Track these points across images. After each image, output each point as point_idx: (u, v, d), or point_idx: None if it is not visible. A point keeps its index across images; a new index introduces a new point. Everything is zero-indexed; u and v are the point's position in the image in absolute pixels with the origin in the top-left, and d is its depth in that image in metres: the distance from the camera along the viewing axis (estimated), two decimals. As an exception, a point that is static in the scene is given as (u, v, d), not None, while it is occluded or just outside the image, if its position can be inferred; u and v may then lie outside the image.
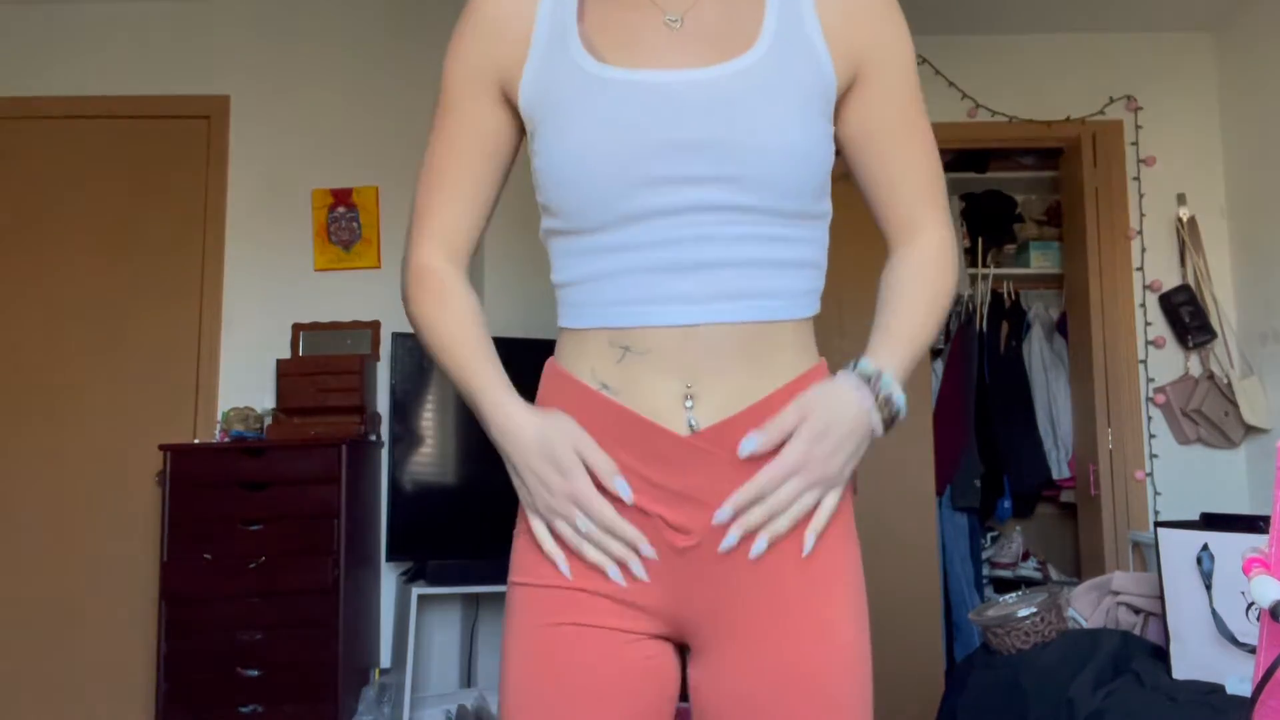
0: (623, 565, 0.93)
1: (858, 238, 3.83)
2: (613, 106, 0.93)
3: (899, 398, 0.95)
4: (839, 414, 0.92)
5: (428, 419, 3.04)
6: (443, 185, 1.05)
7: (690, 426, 0.92)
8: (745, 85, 0.93)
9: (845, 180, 1.11)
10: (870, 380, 0.95)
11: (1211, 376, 3.51)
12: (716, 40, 0.95)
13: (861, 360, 0.96)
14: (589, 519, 0.93)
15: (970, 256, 4.29)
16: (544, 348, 1.05)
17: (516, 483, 0.98)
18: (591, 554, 0.93)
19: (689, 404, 0.93)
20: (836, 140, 1.01)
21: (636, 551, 0.93)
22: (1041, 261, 4.27)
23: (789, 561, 0.93)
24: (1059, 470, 4.04)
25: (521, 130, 1.04)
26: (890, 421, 0.96)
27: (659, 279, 0.93)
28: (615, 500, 0.93)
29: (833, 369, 1.02)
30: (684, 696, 1.01)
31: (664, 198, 0.92)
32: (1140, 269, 3.65)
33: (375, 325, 3.29)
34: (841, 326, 3.80)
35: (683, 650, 1.00)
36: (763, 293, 0.95)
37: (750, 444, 0.90)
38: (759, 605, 0.94)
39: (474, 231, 1.06)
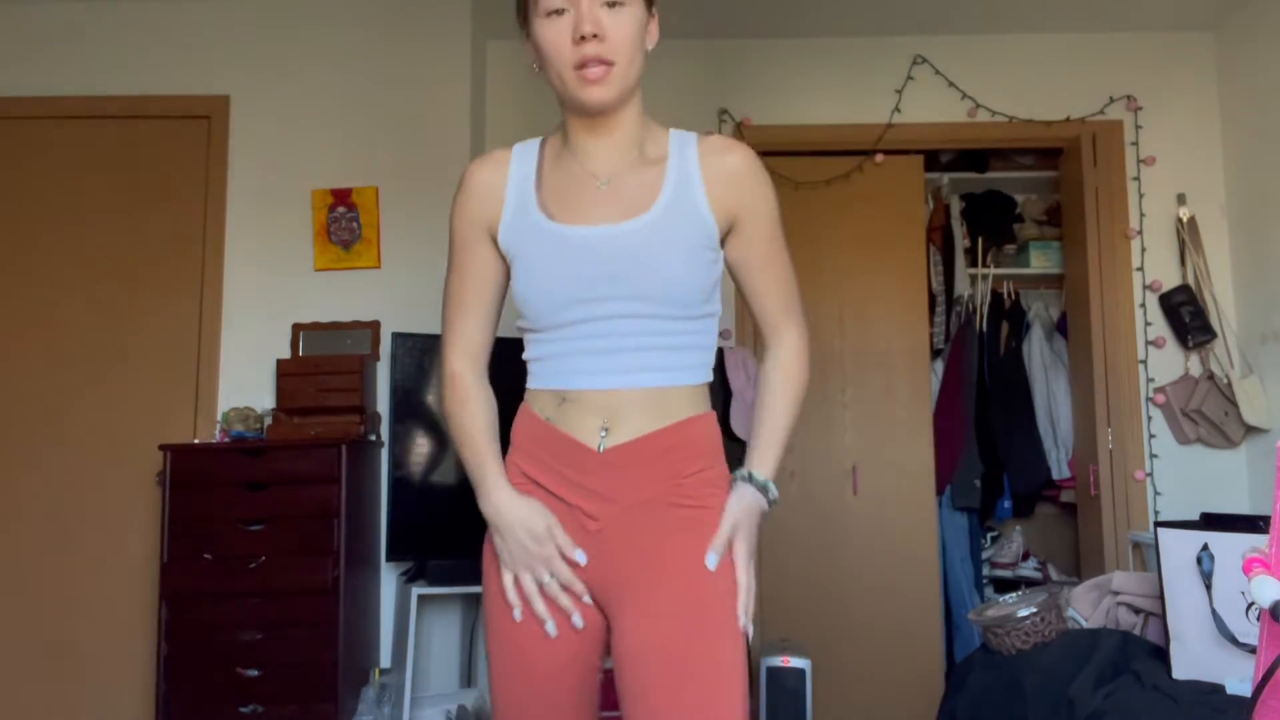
0: (560, 620, 1.36)
1: (857, 244, 3.85)
2: (558, 251, 1.34)
3: (774, 492, 1.40)
4: (752, 517, 1.37)
5: (428, 419, 3.04)
6: (461, 309, 1.44)
7: (600, 448, 1.34)
8: (644, 236, 1.33)
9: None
10: (762, 488, 1.39)
11: (1211, 376, 3.51)
12: (629, 201, 1.35)
13: (754, 472, 1.39)
14: (553, 575, 1.34)
15: (970, 256, 4.29)
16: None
17: (499, 544, 1.38)
18: (539, 607, 1.34)
19: (603, 434, 1.34)
20: (726, 262, 1.43)
21: (566, 613, 1.36)
22: (1041, 261, 4.27)
23: (672, 550, 1.33)
24: (1059, 470, 4.03)
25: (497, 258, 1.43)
26: (770, 504, 1.40)
27: (587, 359, 1.35)
28: (548, 498, 1.36)
29: (833, 371, 1.50)
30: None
31: (591, 310, 1.34)
32: (1140, 269, 3.65)
33: (375, 325, 3.29)
34: (842, 328, 3.82)
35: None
36: (657, 368, 1.35)
37: (712, 560, 1.32)
38: (649, 579, 1.32)
39: (488, 338, 1.47)
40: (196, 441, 3.22)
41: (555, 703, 1.35)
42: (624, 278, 1.32)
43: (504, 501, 1.36)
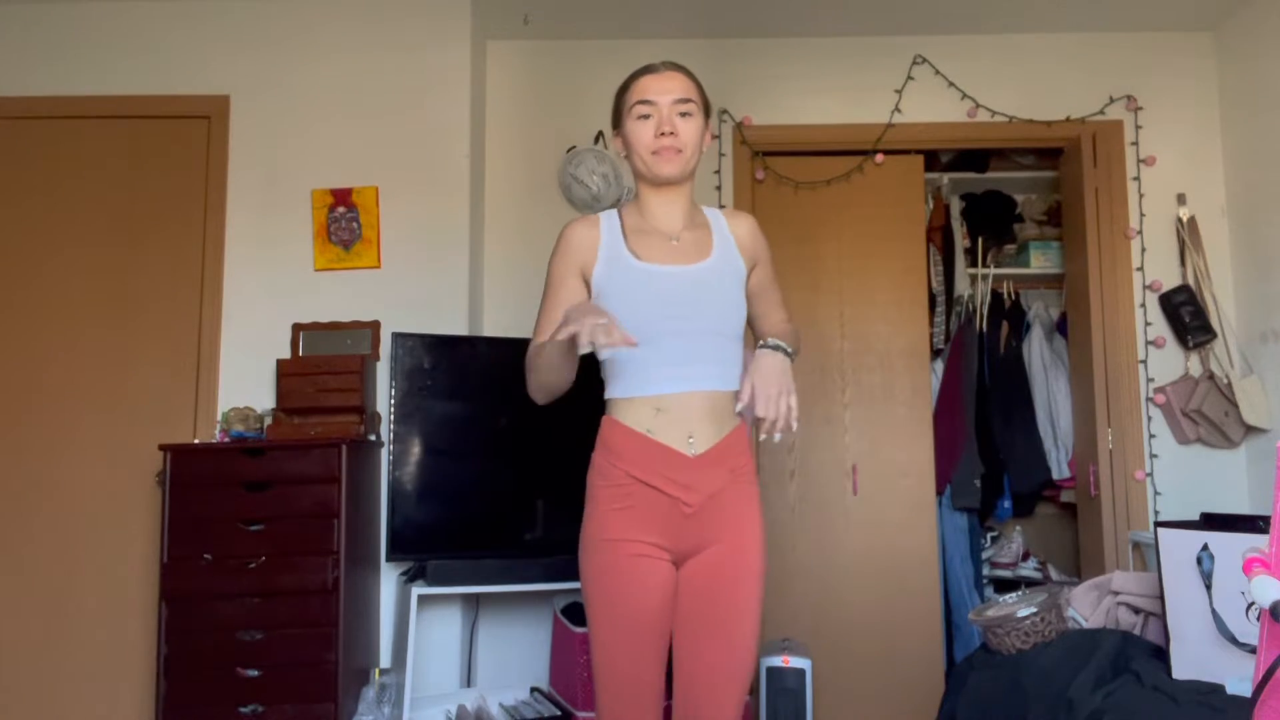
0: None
1: (857, 244, 3.85)
2: (646, 284, 1.85)
3: (789, 347, 1.84)
4: (767, 365, 1.78)
5: (428, 419, 3.04)
6: (551, 323, 1.87)
7: (691, 454, 1.83)
8: (708, 275, 1.88)
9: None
10: (775, 347, 1.82)
11: (1211, 376, 3.51)
12: (691, 251, 1.90)
13: (767, 340, 1.85)
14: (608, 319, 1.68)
15: (970, 256, 4.29)
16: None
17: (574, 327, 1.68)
18: (598, 337, 1.64)
19: (691, 440, 1.83)
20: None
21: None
22: (1041, 261, 4.27)
23: (737, 515, 1.85)
24: (1059, 470, 4.03)
25: (588, 296, 1.90)
26: (791, 353, 1.84)
27: (671, 369, 1.83)
28: (650, 491, 1.82)
29: (833, 370, 1.96)
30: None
31: (673, 328, 1.83)
32: (1140, 269, 3.65)
33: (375, 325, 3.29)
34: (842, 328, 3.82)
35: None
36: (719, 376, 1.86)
37: (739, 406, 1.77)
38: (721, 533, 1.84)
39: None
40: (196, 441, 3.23)
41: (650, 622, 1.79)
42: (695, 306, 1.84)
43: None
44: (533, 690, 3.29)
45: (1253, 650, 2.12)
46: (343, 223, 3.35)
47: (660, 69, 1.89)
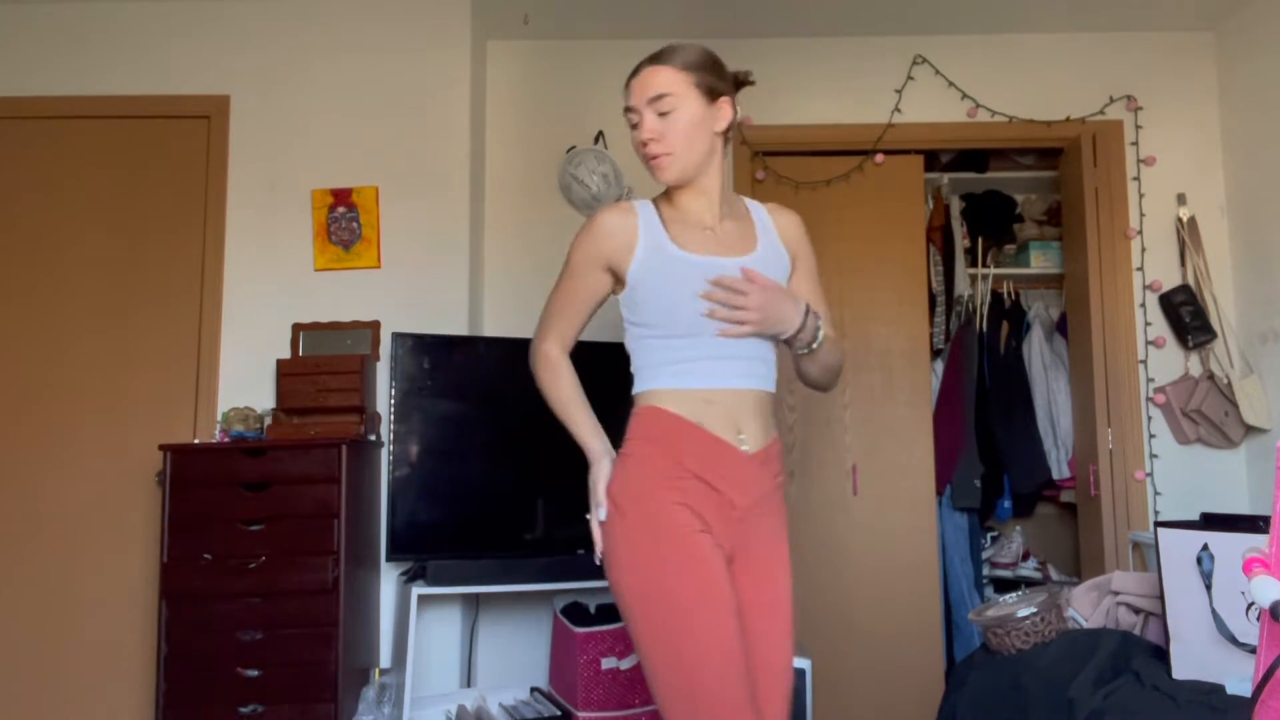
0: None
1: (857, 244, 3.84)
2: (693, 273, 1.75)
3: (821, 333, 1.84)
4: (779, 293, 1.78)
5: (428, 419, 3.04)
6: (564, 313, 1.86)
7: (745, 450, 1.76)
8: (755, 268, 1.78)
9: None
10: (808, 311, 1.81)
11: (1211, 376, 3.51)
12: (735, 243, 1.83)
13: (811, 306, 1.84)
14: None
15: (970, 256, 4.29)
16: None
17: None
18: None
19: (741, 438, 1.76)
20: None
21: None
22: (1041, 261, 4.27)
23: (771, 528, 1.81)
24: (1059, 470, 4.03)
25: (609, 288, 1.85)
26: (809, 338, 1.81)
27: (719, 364, 1.76)
28: (702, 486, 1.72)
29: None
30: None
31: (717, 323, 1.76)
32: (1140, 269, 3.65)
33: (375, 325, 3.29)
34: (842, 328, 3.82)
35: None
36: (763, 376, 1.81)
37: (742, 270, 1.77)
38: (760, 544, 1.79)
39: (576, 334, 1.89)
40: (196, 441, 3.22)
41: (729, 603, 1.68)
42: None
43: (599, 460, 1.81)
44: (533, 690, 3.29)
45: (1253, 650, 2.12)
46: (343, 223, 3.35)
47: (642, 68, 1.80)
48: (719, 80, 1.81)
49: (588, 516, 1.78)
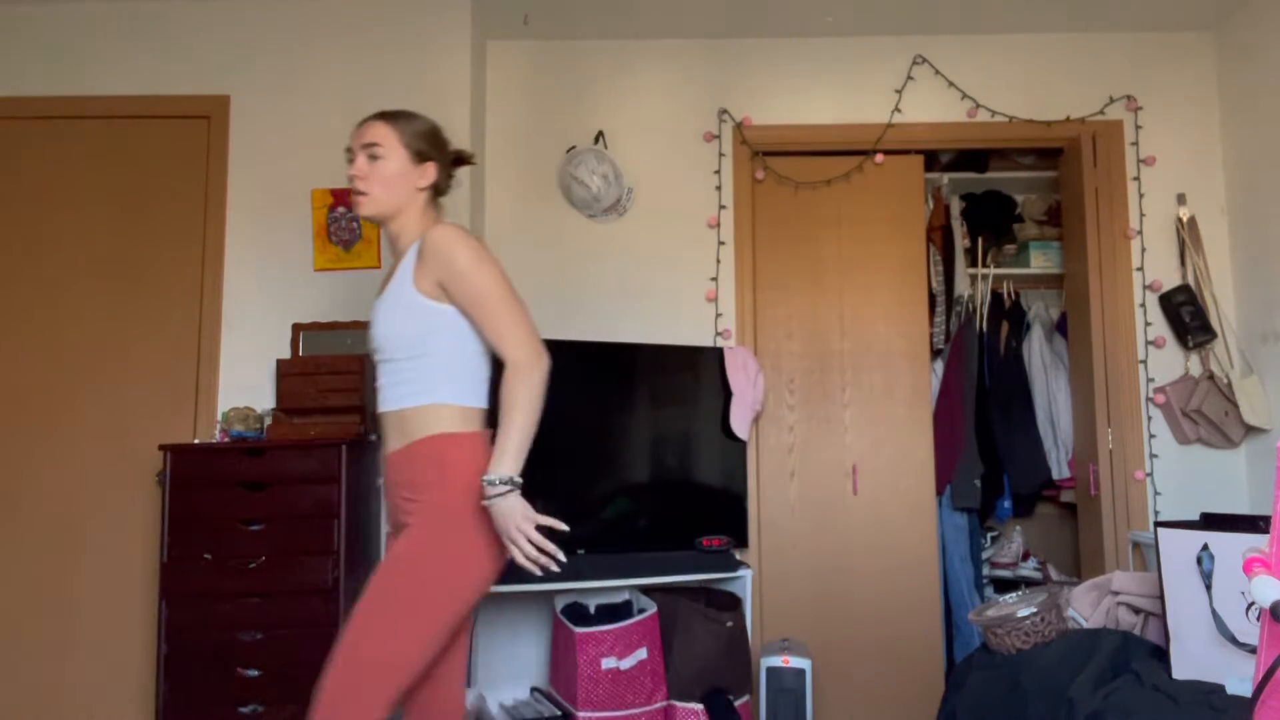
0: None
1: (857, 244, 3.84)
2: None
3: (500, 475, 1.83)
4: (493, 516, 1.86)
5: (428, 419, 3.03)
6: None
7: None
8: (379, 307, 1.98)
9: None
10: (488, 483, 1.85)
11: (1211, 376, 3.51)
12: (388, 285, 1.98)
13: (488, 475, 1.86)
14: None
15: (970, 256, 4.29)
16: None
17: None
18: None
19: (384, 450, 1.99)
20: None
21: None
22: (1041, 261, 4.27)
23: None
24: (1059, 470, 4.03)
25: None
26: (504, 481, 1.82)
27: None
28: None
29: (833, 370, 1.75)
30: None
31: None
32: (1140, 269, 3.65)
33: (375, 325, 3.29)
34: (842, 328, 3.82)
35: None
36: (397, 398, 1.95)
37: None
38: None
39: None
40: (196, 441, 3.22)
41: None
42: (375, 338, 2.01)
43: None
44: (533, 690, 3.29)
45: (1253, 650, 2.12)
46: (343, 223, 3.35)
47: (368, 119, 2.02)
48: (431, 149, 2.04)
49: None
